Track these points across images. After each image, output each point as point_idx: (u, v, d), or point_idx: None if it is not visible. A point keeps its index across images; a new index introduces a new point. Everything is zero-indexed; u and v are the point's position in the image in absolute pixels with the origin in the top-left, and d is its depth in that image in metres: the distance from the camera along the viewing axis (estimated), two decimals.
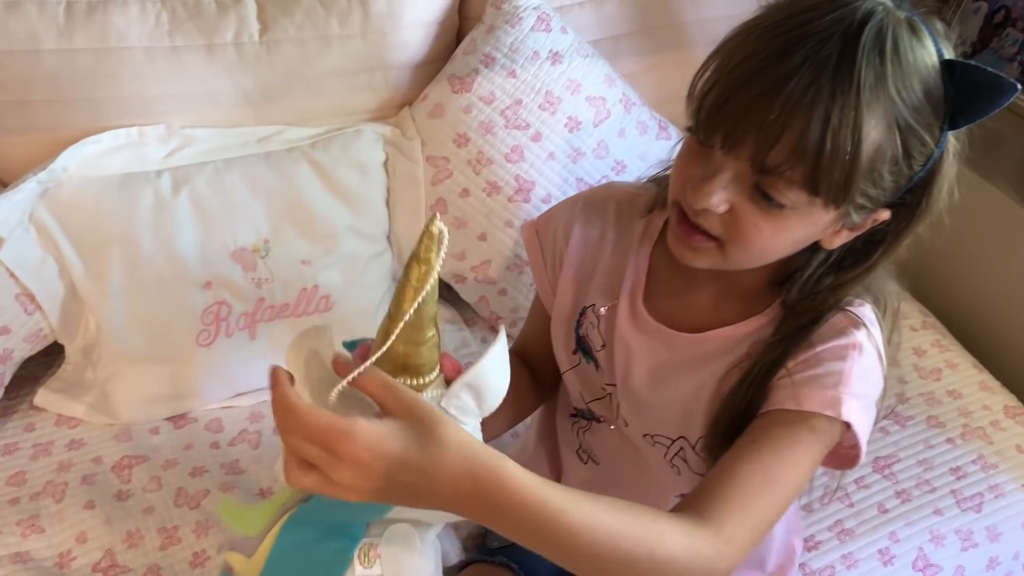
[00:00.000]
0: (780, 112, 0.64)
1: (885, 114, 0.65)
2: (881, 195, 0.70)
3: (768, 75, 0.64)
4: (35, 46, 1.13)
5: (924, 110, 0.66)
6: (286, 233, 1.26)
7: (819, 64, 0.63)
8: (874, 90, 0.63)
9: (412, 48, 1.35)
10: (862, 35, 0.64)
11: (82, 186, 1.17)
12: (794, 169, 0.65)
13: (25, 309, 1.17)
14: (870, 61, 0.63)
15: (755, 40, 0.67)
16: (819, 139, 0.64)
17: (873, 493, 1.23)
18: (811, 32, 0.64)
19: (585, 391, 0.96)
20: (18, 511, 1.10)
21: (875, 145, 0.65)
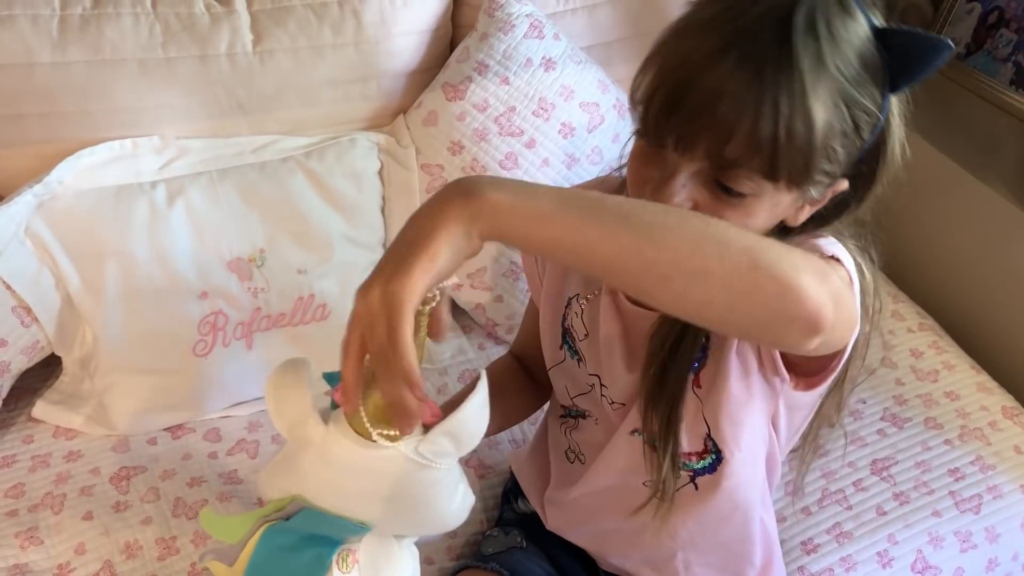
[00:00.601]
0: (729, 109, 0.64)
1: (830, 92, 0.66)
2: (837, 168, 0.71)
3: (711, 74, 0.65)
4: (29, 59, 1.14)
5: (864, 80, 0.68)
6: (282, 242, 1.26)
7: (759, 56, 0.64)
8: (815, 71, 0.64)
9: (406, 56, 1.35)
10: (794, 20, 0.64)
11: (77, 198, 1.17)
12: (752, 161, 0.66)
13: (22, 321, 1.17)
14: (806, 44, 0.64)
15: (692, 39, 0.67)
16: (772, 129, 0.64)
17: (871, 495, 1.23)
18: (746, 25, 0.65)
19: (570, 386, 0.97)
20: (16, 523, 1.11)
21: (826, 124, 0.66)
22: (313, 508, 0.67)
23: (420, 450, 0.64)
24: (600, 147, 1.38)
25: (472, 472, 1.22)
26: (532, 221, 0.56)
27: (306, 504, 0.68)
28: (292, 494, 0.68)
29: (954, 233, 1.55)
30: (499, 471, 1.24)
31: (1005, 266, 1.46)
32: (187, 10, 1.21)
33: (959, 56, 1.67)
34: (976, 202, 1.48)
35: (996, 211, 1.45)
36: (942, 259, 1.58)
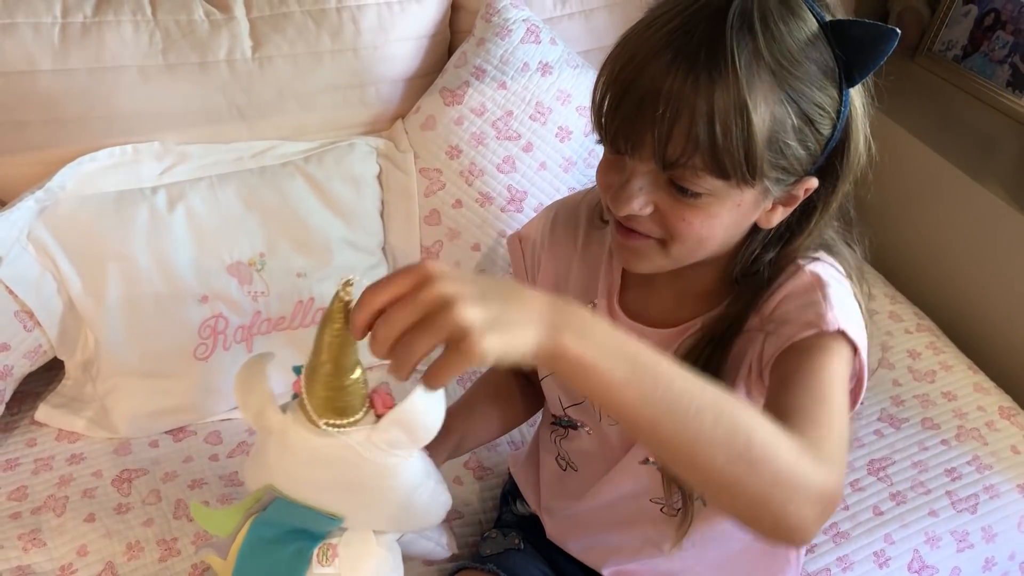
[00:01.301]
0: (665, 108, 0.65)
1: (770, 88, 0.66)
2: (798, 165, 0.71)
3: (648, 74, 0.66)
4: (31, 67, 1.15)
5: (813, 76, 0.68)
6: (281, 246, 1.27)
7: (691, 54, 0.65)
8: (751, 67, 0.65)
9: (404, 62, 1.36)
10: (727, 17, 0.65)
11: (79, 204, 1.19)
12: (694, 158, 0.67)
13: (24, 326, 1.18)
14: (740, 40, 0.65)
15: (633, 43, 0.69)
16: (707, 126, 0.65)
17: (868, 496, 1.23)
18: (681, 24, 0.66)
19: (565, 396, 0.97)
20: (19, 525, 1.12)
21: (769, 119, 0.66)
22: (284, 498, 0.69)
23: (373, 439, 0.65)
24: (597, 151, 1.39)
25: (471, 473, 1.23)
26: (598, 386, 0.56)
27: (278, 494, 0.69)
28: (266, 484, 0.70)
29: (951, 234, 1.56)
30: (498, 472, 1.24)
31: (1002, 267, 1.46)
32: (187, 17, 1.22)
33: (956, 58, 1.68)
34: (973, 204, 1.48)
35: (993, 212, 1.45)
36: (939, 260, 1.59)
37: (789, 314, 0.76)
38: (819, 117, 0.70)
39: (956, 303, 1.55)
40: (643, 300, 0.88)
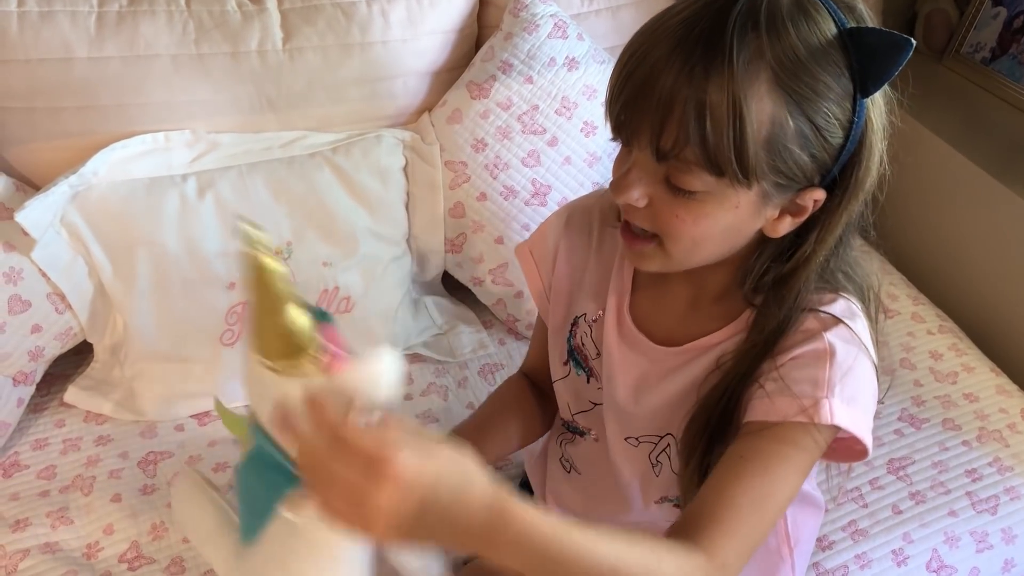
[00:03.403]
0: (660, 97, 0.65)
1: (769, 88, 0.65)
2: (800, 173, 0.69)
3: (648, 64, 0.66)
4: (67, 54, 1.18)
5: (822, 81, 0.66)
6: (308, 236, 1.29)
7: (690, 45, 0.64)
8: (749, 64, 0.64)
9: (432, 55, 1.37)
10: (731, 11, 0.64)
11: (111, 189, 1.21)
12: (685, 151, 0.66)
13: (56, 308, 1.21)
14: (742, 36, 0.64)
15: (642, 34, 0.69)
16: (698, 119, 0.64)
17: (887, 494, 1.23)
18: (687, 17, 0.66)
19: (572, 402, 0.97)
20: (48, 503, 1.14)
21: (767, 120, 0.65)
22: (261, 428, 0.67)
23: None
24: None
25: (490, 464, 1.24)
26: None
27: (257, 423, 0.68)
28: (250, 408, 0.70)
29: (976, 237, 1.55)
30: (516, 462, 1.25)
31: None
32: (219, 8, 1.24)
33: (984, 60, 1.67)
34: (999, 206, 1.48)
35: (1019, 215, 1.44)
36: (963, 262, 1.58)
37: (791, 384, 0.74)
38: (827, 125, 0.68)
39: (979, 305, 1.54)
40: (654, 304, 0.87)
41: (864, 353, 0.76)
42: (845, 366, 0.74)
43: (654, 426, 0.88)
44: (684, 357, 0.84)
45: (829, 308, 0.76)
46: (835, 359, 0.74)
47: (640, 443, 0.90)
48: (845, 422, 0.73)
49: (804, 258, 0.75)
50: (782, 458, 0.74)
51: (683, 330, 0.84)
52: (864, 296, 0.80)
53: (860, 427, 0.74)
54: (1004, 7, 1.63)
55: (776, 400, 0.74)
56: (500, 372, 1.38)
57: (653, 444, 0.89)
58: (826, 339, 0.74)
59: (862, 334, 0.76)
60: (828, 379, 0.73)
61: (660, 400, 0.86)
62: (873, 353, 0.78)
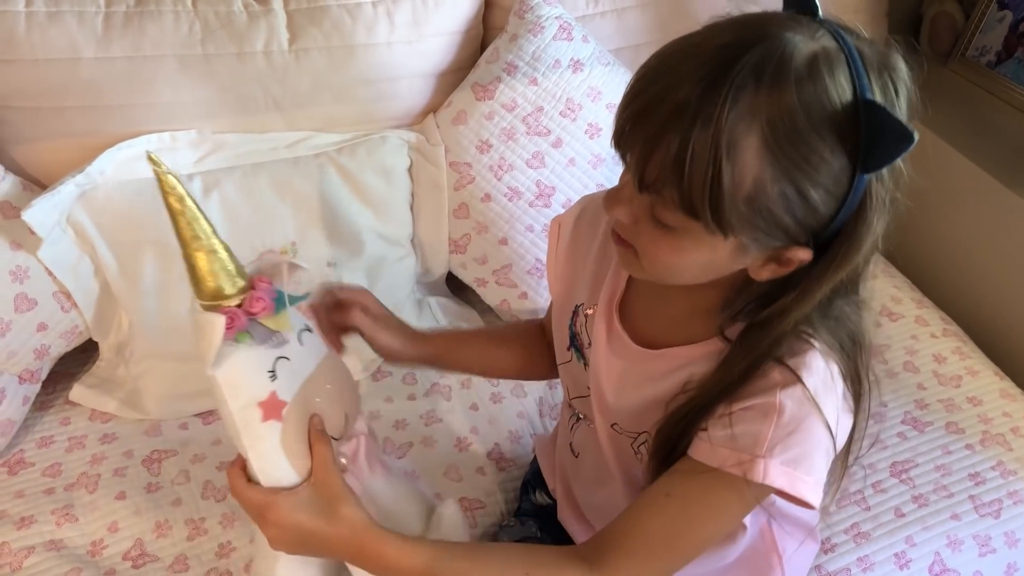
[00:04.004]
0: (651, 130, 0.64)
1: (758, 148, 0.62)
2: (783, 232, 0.67)
3: (649, 93, 0.64)
4: (74, 54, 1.18)
5: (818, 153, 0.63)
6: (313, 236, 1.29)
7: (691, 84, 0.62)
8: (740, 120, 0.61)
9: (437, 57, 1.38)
10: (741, 59, 0.61)
11: (117, 189, 1.21)
12: (665, 188, 0.65)
13: (62, 307, 1.21)
14: (740, 89, 0.61)
15: (656, 58, 0.67)
16: (678, 161, 0.63)
17: (890, 497, 1.23)
18: (697, 54, 0.63)
19: (572, 388, 0.99)
20: (53, 501, 1.15)
21: (749, 178, 0.63)
22: None
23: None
24: None
25: (494, 464, 1.24)
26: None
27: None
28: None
29: (981, 240, 1.55)
30: (520, 464, 1.26)
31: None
32: (226, 8, 1.25)
33: (990, 64, 1.67)
34: (1004, 209, 1.48)
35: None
36: (968, 265, 1.58)
37: (734, 436, 0.75)
38: (817, 196, 0.65)
39: (984, 309, 1.54)
40: (644, 306, 0.87)
41: (816, 415, 0.74)
42: (791, 427, 0.74)
43: (632, 423, 0.89)
44: (660, 363, 0.84)
45: (796, 361, 0.75)
46: (782, 419, 0.73)
47: (623, 433, 0.91)
48: (781, 483, 0.74)
49: (780, 312, 0.73)
50: (707, 505, 0.77)
51: (665, 335, 0.84)
52: (847, 351, 0.77)
53: (801, 489, 0.74)
54: (1010, 10, 1.63)
55: (716, 447, 0.76)
56: None
57: (634, 437, 0.91)
58: (778, 397, 0.74)
59: (821, 394, 0.74)
60: (770, 438, 0.73)
61: (636, 401, 0.87)
62: (837, 413, 0.76)
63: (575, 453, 1.04)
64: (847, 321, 0.77)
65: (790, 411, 0.74)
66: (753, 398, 0.75)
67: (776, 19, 0.66)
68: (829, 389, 0.75)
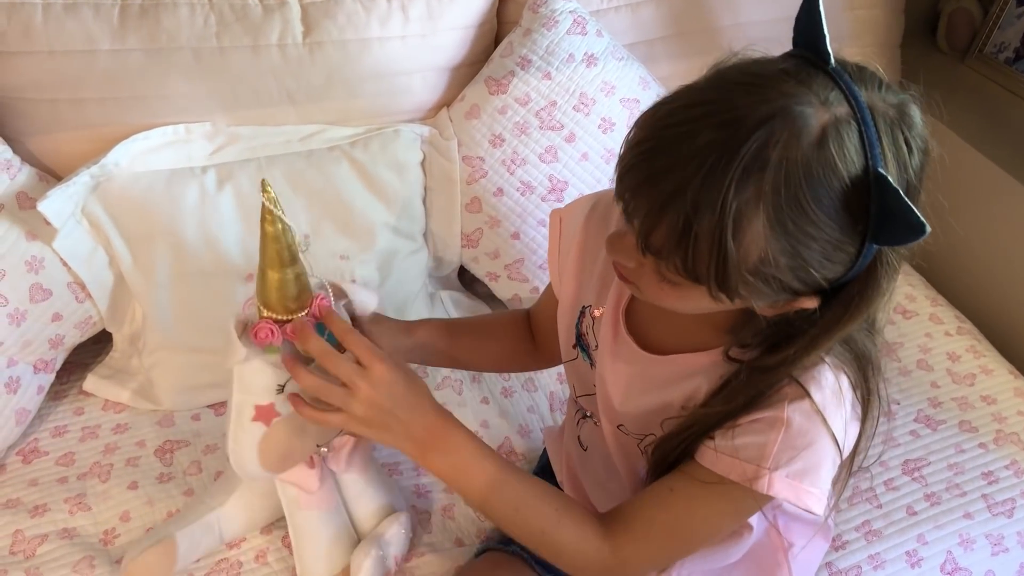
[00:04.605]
0: (655, 203, 0.63)
1: (764, 227, 0.61)
2: (789, 291, 0.66)
3: (649, 166, 0.63)
4: (91, 46, 1.19)
5: (825, 231, 0.62)
6: (326, 229, 1.30)
7: (694, 167, 0.60)
8: (746, 206, 0.60)
9: (451, 51, 1.38)
10: (744, 145, 0.60)
11: (131, 180, 1.22)
12: (668, 258, 0.65)
13: (76, 297, 1.22)
14: (745, 178, 0.60)
15: (660, 118, 0.65)
16: (682, 239, 0.62)
17: (902, 495, 1.23)
18: (701, 131, 0.61)
19: (578, 386, 0.99)
20: (66, 489, 1.16)
21: (755, 253, 0.62)
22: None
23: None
24: None
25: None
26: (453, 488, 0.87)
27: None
28: None
29: (997, 238, 1.54)
30: (530, 459, 1.26)
31: None
32: (240, 1, 1.25)
33: (1008, 60, 1.66)
34: (1020, 206, 1.47)
35: None
36: (983, 264, 1.57)
37: (739, 448, 0.76)
38: (822, 263, 0.64)
39: (999, 308, 1.53)
40: (651, 312, 0.86)
41: (823, 429, 0.75)
42: (798, 441, 0.75)
43: (637, 426, 0.90)
44: (666, 369, 0.84)
45: (805, 375, 0.75)
46: (789, 433, 0.74)
47: (629, 435, 0.92)
48: (786, 495, 0.75)
49: (785, 362, 0.74)
50: (709, 505, 0.81)
51: (672, 342, 0.85)
52: (857, 367, 0.77)
53: (806, 500, 0.76)
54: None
55: (722, 456, 0.77)
56: None
57: (640, 438, 0.91)
58: (786, 411, 0.75)
59: (829, 408, 0.75)
60: (775, 452, 0.75)
61: (642, 407, 0.88)
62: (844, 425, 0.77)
63: (583, 447, 1.05)
64: (857, 341, 0.77)
65: (797, 425, 0.74)
66: (761, 411, 0.76)
67: (784, 83, 0.62)
68: (838, 402, 0.76)
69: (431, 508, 1.16)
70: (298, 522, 1.02)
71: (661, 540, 0.83)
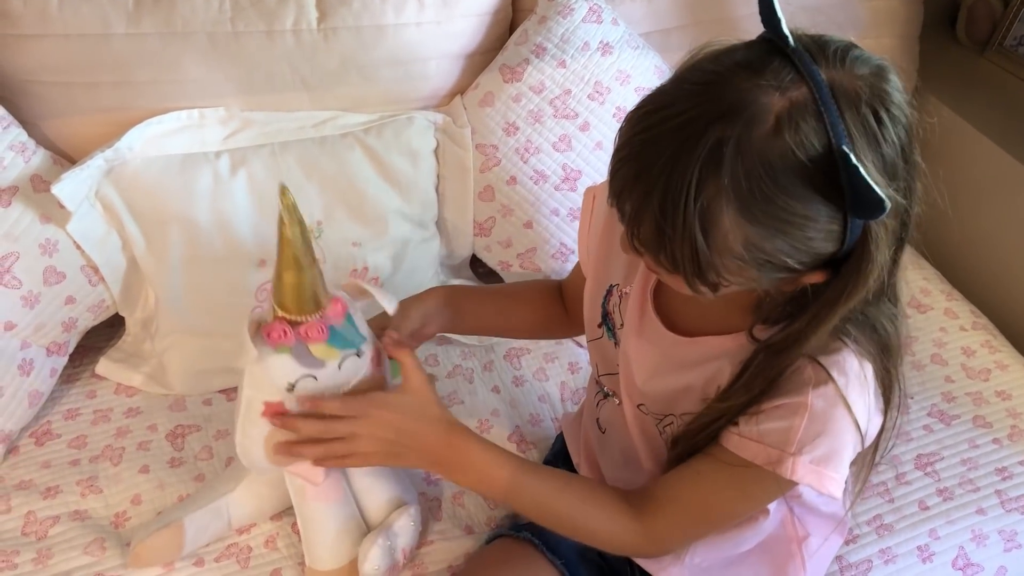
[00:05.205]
0: (631, 209, 0.66)
1: (735, 219, 0.62)
2: (786, 271, 0.67)
3: (621, 173, 0.66)
4: (106, 30, 1.19)
5: (795, 208, 0.62)
6: (338, 216, 1.30)
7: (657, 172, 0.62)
8: (711, 200, 0.61)
9: (465, 38, 1.37)
10: (700, 142, 0.61)
11: (145, 165, 1.22)
12: (656, 256, 0.67)
13: (89, 280, 1.22)
14: (704, 173, 0.61)
15: (632, 125, 0.66)
16: (659, 243, 0.65)
17: (914, 490, 1.22)
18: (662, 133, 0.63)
19: (602, 364, 0.99)
20: (78, 472, 1.16)
21: (738, 242, 0.63)
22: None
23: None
24: None
25: (515, 447, 1.24)
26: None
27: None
28: None
29: (1014, 232, 1.52)
30: (542, 448, 1.25)
31: None
32: None
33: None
34: None
35: None
36: (1001, 258, 1.55)
37: (763, 434, 0.77)
38: (809, 241, 0.64)
39: (1015, 303, 1.52)
40: (679, 294, 0.83)
41: (845, 414, 0.76)
42: (821, 426, 0.75)
43: (659, 406, 0.91)
44: (692, 350, 0.85)
45: (829, 360, 0.75)
46: (812, 418, 0.75)
47: (648, 414, 0.93)
48: (809, 481, 0.76)
49: (795, 338, 0.74)
50: (735, 486, 0.82)
51: (699, 323, 0.85)
52: (880, 355, 0.77)
53: (829, 486, 0.77)
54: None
55: (747, 441, 0.79)
56: (526, 356, 1.38)
57: (659, 418, 0.92)
58: (809, 396, 0.75)
59: (852, 393, 0.75)
60: (799, 437, 0.76)
61: (666, 388, 0.88)
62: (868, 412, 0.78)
63: (602, 429, 1.05)
64: (882, 330, 0.77)
65: (820, 410, 0.75)
66: (784, 396, 0.77)
67: (737, 76, 0.63)
68: (861, 388, 0.76)
69: (441, 495, 1.16)
70: (305, 513, 1.02)
71: (690, 519, 0.86)
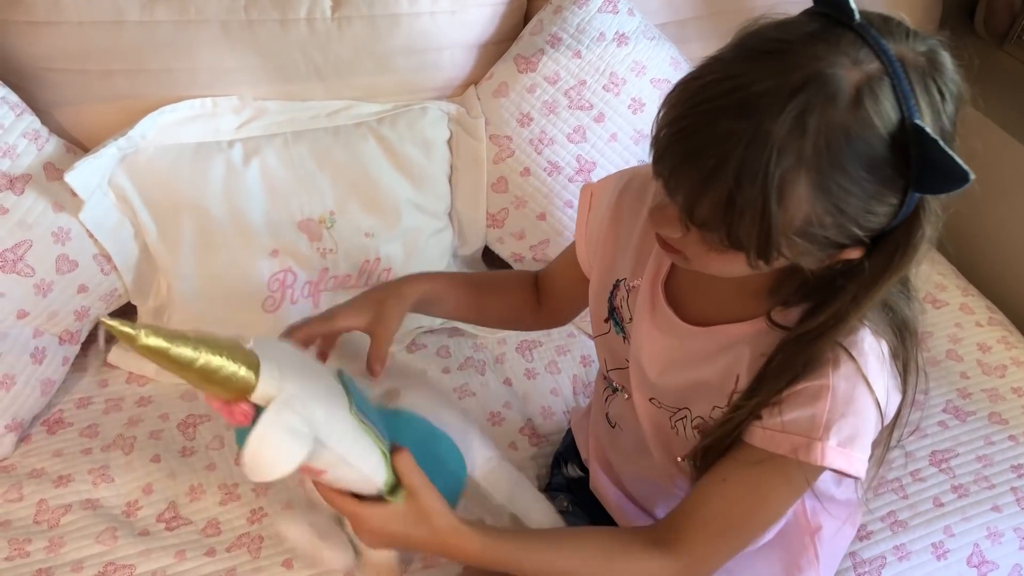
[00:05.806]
0: (697, 177, 0.63)
1: (807, 190, 0.62)
2: (832, 248, 0.67)
3: (688, 140, 0.63)
4: (119, 18, 1.18)
5: (868, 181, 0.62)
6: (351, 206, 1.29)
7: (735, 140, 0.60)
8: (789, 170, 0.61)
9: (480, 28, 1.36)
10: (783, 114, 0.60)
11: (158, 153, 1.22)
12: (715, 230, 0.65)
13: (102, 269, 1.22)
14: (785, 143, 0.60)
15: (693, 94, 0.64)
16: (727, 211, 0.63)
17: (929, 486, 1.21)
18: (736, 102, 0.61)
19: (610, 359, 0.99)
20: (90, 461, 1.16)
21: (800, 217, 0.63)
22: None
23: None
24: None
25: (526, 440, 1.24)
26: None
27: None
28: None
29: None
30: (552, 441, 1.25)
31: None
32: None
33: None
34: None
35: None
36: (1016, 254, 1.54)
37: (787, 422, 0.76)
38: (867, 215, 0.64)
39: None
40: (691, 282, 0.86)
41: (866, 392, 0.75)
42: (844, 407, 0.75)
43: (671, 399, 0.90)
44: (706, 340, 0.84)
45: (847, 340, 0.75)
46: (835, 400, 0.75)
47: (661, 407, 0.92)
48: (839, 464, 0.76)
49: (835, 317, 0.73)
50: (764, 484, 0.80)
51: (711, 312, 0.84)
52: (897, 334, 0.77)
53: (855, 467, 0.77)
54: None
55: (772, 433, 0.78)
56: (538, 349, 1.38)
57: (672, 412, 0.91)
58: (831, 378, 0.75)
59: (872, 371, 0.75)
60: (825, 421, 0.75)
61: (680, 381, 0.87)
62: (887, 390, 0.77)
63: (612, 424, 1.04)
64: (898, 309, 0.77)
65: (843, 391, 0.75)
66: (805, 380, 0.76)
67: (812, 46, 0.62)
68: (880, 366, 0.76)
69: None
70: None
71: (724, 533, 0.83)
